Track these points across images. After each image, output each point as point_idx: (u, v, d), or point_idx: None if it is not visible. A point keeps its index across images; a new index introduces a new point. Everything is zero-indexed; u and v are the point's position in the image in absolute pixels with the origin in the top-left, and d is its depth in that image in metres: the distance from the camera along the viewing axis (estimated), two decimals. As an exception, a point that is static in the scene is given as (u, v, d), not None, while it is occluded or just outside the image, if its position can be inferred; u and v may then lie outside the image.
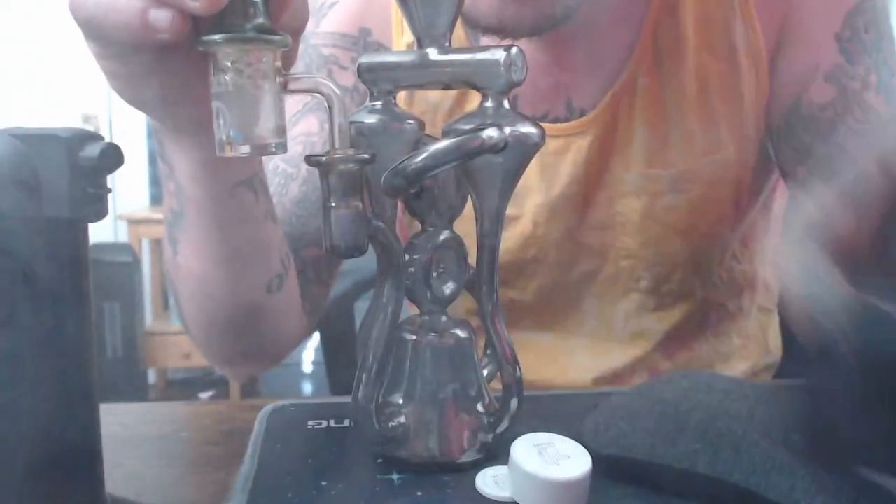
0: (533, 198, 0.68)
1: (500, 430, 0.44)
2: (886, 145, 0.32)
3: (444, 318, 0.45)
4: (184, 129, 0.44)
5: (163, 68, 0.38)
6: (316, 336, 1.07)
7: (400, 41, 0.69)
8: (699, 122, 0.65)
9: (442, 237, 0.44)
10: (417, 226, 0.46)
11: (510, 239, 0.69)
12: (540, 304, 0.72)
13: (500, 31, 0.56)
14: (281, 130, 0.35)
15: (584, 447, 0.39)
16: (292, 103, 0.66)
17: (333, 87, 0.37)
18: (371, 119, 0.43)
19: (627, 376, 0.73)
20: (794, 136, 0.67)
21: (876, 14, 0.64)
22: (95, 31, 0.35)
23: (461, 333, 0.45)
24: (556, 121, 0.67)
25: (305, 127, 0.65)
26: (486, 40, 0.67)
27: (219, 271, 0.52)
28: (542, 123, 0.65)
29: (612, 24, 0.65)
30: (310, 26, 0.70)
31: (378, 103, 0.43)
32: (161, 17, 0.33)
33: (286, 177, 0.65)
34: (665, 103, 0.65)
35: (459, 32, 0.68)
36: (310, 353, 2.72)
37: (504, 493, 0.39)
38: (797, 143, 0.66)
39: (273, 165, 0.65)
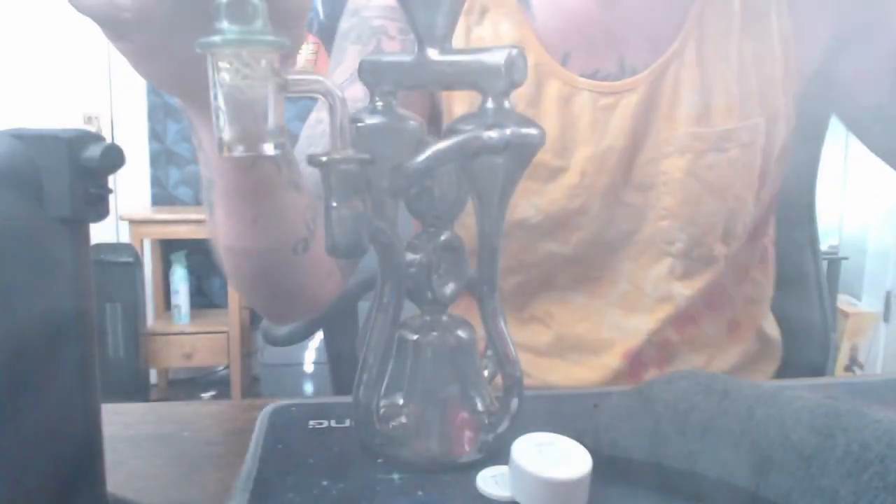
0: (582, 150, 0.71)
1: (500, 430, 0.44)
2: None
3: (444, 318, 0.45)
4: (200, 104, 0.46)
5: (166, 48, 0.40)
6: (319, 335, 1.07)
7: None
8: (738, 93, 0.71)
9: (443, 237, 0.45)
10: (419, 226, 0.46)
11: (557, 190, 0.72)
12: (577, 258, 0.75)
13: None
14: (279, 131, 0.35)
15: (584, 447, 0.39)
16: (341, 71, 0.71)
17: (335, 89, 0.37)
18: (373, 119, 0.43)
19: (654, 336, 0.76)
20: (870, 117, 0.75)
21: None
22: (78, 9, 0.37)
23: (462, 333, 0.45)
24: (605, 79, 0.71)
25: (352, 94, 0.67)
26: None
27: (246, 234, 0.56)
28: (592, 81, 0.71)
29: None
30: (362, 0, 0.74)
31: (379, 104, 0.43)
32: None
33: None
34: (710, 73, 0.71)
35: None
36: (311, 352, 2.72)
37: (504, 493, 0.40)
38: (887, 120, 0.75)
39: (323, 127, 0.68)
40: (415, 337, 0.44)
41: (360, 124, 0.42)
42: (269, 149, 0.35)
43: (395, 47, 0.72)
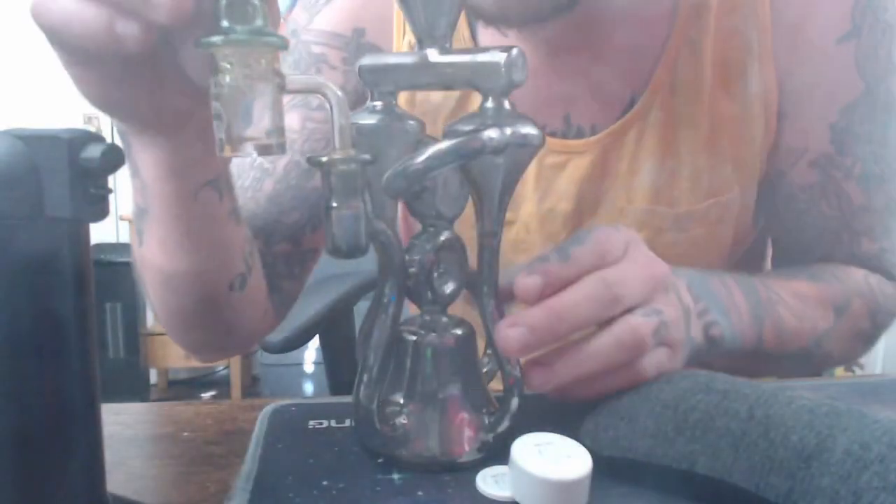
0: (527, 206, 0.68)
1: (500, 429, 0.44)
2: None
3: (444, 319, 0.45)
4: (151, 132, 0.44)
5: (130, 74, 0.38)
6: (317, 337, 1.07)
7: (401, 41, 0.69)
8: (708, 162, 0.64)
9: (442, 238, 0.45)
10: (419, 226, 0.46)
11: (504, 242, 0.68)
12: None
13: (504, 20, 0.55)
14: (280, 131, 0.35)
15: (584, 447, 0.39)
16: None
17: (335, 88, 0.37)
18: (371, 119, 0.43)
19: None
20: (770, 202, 0.69)
21: (874, 105, 0.64)
22: (59, 39, 0.35)
23: (461, 333, 0.45)
24: (553, 135, 0.66)
25: (286, 123, 0.65)
26: (486, 36, 0.67)
27: (180, 268, 0.52)
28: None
29: (622, 49, 0.64)
30: (302, 21, 0.69)
31: (378, 104, 0.43)
32: (128, 29, 0.33)
33: (262, 172, 0.65)
34: (676, 140, 0.64)
35: (464, 32, 0.68)
36: (311, 352, 2.73)
37: (504, 493, 0.40)
38: (771, 208, 0.69)
39: (250, 160, 0.65)
40: (414, 337, 0.44)
41: (359, 124, 0.42)
42: (271, 149, 0.35)
43: (338, 78, 0.67)
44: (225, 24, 0.33)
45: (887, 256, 0.69)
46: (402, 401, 0.44)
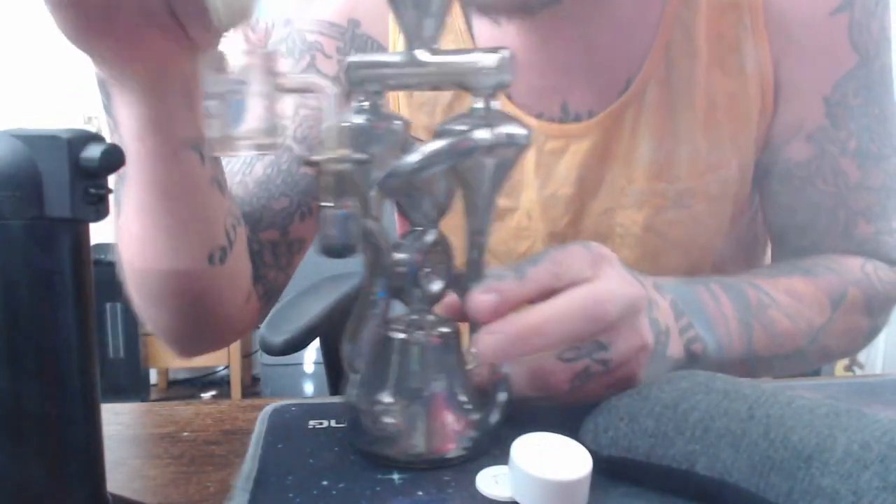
0: (528, 193, 0.68)
1: (489, 424, 0.44)
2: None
3: (430, 317, 0.45)
4: (133, 84, 0.43)
5: (122, 27, 0.38)
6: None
7: (397, 34, 0.69)
8: (706, 139, 0.65)
9: (430, 237, 0.45)
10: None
11: (505, 230, 0.69)
12: None
13: (494, 9, 0.56)
14: (277, 129, 0.35)
15: (584, 447, 0.39)
16: None
17: (331, 87, 0.37)
18: (358, 119, 0.43)
19: None
20: (766, 182, 0.69)
21: (869, 79, 0.64)
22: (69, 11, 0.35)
23: (447, 331, 0.45)
24: (550, 120, 0.67)
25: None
26: (481, 27, 0.67)
27: (158, 236, 0.51)
28: (540, 122, 0.66)
29: (615, 34, 0.65)
30: (297, 9, 0.69)
31: (365, 103, 0.43)
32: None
33: (252, 156, 0.65)
34: (673, 118, 0.64)
35: (459, 23, 0.68)
36: (311, 353, 2.72)
37: (504, 493, 0.40)
38: (768, 188, 0.69)
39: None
40: (401, 335, 0.44)
41: (344, 124, 0.42)
42: (266, 147, 0.35)
43: (332, 67, 0.67)
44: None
45: (884, 238, 0.69)
46: (390, 399, 0.44)
